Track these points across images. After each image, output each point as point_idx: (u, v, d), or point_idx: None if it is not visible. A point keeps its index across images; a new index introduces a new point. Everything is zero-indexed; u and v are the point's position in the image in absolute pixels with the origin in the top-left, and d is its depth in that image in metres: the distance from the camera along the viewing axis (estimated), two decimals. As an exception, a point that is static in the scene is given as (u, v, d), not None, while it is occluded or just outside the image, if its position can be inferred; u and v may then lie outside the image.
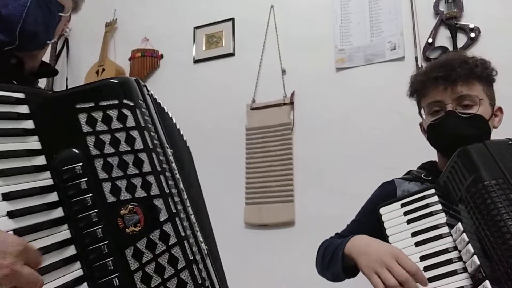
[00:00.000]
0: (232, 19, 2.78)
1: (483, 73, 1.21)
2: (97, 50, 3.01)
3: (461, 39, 2.20)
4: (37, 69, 1.02)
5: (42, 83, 0.99)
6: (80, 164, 0.69)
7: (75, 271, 0.67)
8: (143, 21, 3.00)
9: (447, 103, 1.18)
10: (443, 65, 1.22)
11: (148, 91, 0.81)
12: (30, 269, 0.57)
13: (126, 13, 3.08)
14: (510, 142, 1.07)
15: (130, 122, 0.71)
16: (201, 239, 0.78)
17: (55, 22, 0.98)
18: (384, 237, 1.12)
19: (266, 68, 2.62)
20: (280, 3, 2.68)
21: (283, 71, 2.57)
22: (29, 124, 0.69)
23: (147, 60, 2.87)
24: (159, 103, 0.87)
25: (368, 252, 1.05)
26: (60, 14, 0.98)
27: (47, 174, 0.69)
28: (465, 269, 0.97)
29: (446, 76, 1.19)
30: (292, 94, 2.50)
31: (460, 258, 0.99)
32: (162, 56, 2.92)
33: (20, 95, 0.69)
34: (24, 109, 0.69)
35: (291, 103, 2.49)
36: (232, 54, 2.75)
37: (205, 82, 2.75)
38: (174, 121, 0.95)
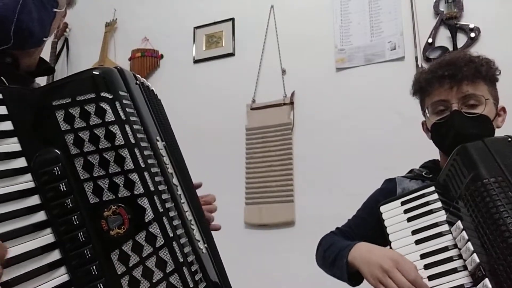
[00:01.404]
0: (232, 19, 2.78)
1: (488, 73, 1.20)
2: (97, 50, 3.01)
3: (461, 39, 2.20)
4: (35, 67, 0.99)
5: (43, 83, 0.99)
6: (59, 165, 0.66)
7: (60, 276, 0.64)
8: (143, 21, 3.00)
9: (453, 103, 1.17)
10: (449, 64, 1.21)
11: (137, 80, 0.77)
12: None
13: (126, 13, 3.08)
14: (510, 139, 1.07)
15: (109, 117, 0.67)
16: (198, 238, 0.75)
17: (50, 19, 0.95)
18: (385, 234, 1.13)
19: (266, 68, 2.62)
20: (280, 3, 2.68)
21: (283, 71, 2.57)
22: (7, 125, 0.66)
23: (147, 60, 2.87)
24: (153, 92, 0.84)
25: (370, 259, 1.07)
26: (55, 10, 0.95)
27: (28, 176, 0.65)
28: (465, 267, 0.97)
29: (452, 75, 1.18)
30: (292, 94, 2.50)
31: (460, 256, 0.99)
32: (162, 56, 2.92)
33: None
34: (2, 110, 0.66)
35: (291, 103, 2.49)
36: (232, 54, 2.75)
37: (205, 82, 2.75)
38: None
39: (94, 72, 0.70)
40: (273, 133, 2.48)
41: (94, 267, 0.64)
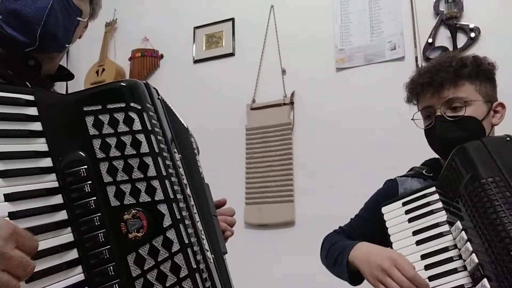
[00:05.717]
0: (232, 19, 2.78)
1: (472, 72, 1.20)
2: (97, 50, 3.01)
3: (461, 39, 2.20)
4: (54, 72, 1.04)
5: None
6: (85, 167, 0.69)
7: (77, 275, 0.66)
8: (143, 21, 3.00)
9: (437, 108, 1.19)
10: (428, 71, 1.23)
11: (158, 95, 0.81)
12: (20, 253, 0.56)
13: (126, 13, 3.07)
14: (508, 138, 1.07)
15: (137, 126, 0.71)
16: (207, 248, 0.77)
17: (73, 26, 1.00)
18: (386, 235, 1.13)
19: (266, 68, 2.62)
20: (280, 3, 2.68)
21: (283, 71, 2.57)
22: (37, 126, 0.69)
23: (147, 60, 2.87)
24: (170, 108, 0.87)
25: (369, 259, 1.08)
26: (78, 18, 1.00)
27: (53, 176, 0.68)
28: (465, 267, 0.97)
29: (431, 82, 1.20)
30: (292, 94, 2.50)
31: (460, 256, 0.99)
32: (162, 56, 2.92)
33: (30, 97, 0.70)
34: (33, 111, 0.69)
35: (291, 103, 2.49)
36: (232, 54, 2.74)
37: (205, 82, 2.75)
38: (186, 125, 0.95)
39: (123, 84, 0.74)
40: (273, 133, 2.48)
41: (110, 268, 0.67)
